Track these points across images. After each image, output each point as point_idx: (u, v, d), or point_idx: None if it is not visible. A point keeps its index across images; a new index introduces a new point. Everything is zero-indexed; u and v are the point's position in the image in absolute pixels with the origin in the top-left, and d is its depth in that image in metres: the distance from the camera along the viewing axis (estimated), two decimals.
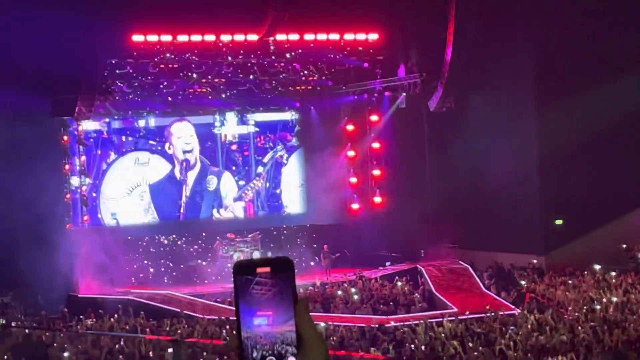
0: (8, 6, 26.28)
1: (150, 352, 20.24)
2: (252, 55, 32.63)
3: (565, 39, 29.58)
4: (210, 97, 34.64)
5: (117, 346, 21.40)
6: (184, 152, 35.50)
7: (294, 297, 2.75)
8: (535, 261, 31.88)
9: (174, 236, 35.24)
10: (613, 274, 29.10)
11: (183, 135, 35.49)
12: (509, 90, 32.05)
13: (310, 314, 2.80)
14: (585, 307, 24.66)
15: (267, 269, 2.78)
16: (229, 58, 32.55)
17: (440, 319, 24.52)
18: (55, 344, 21.72)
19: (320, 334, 2.80)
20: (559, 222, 32.37)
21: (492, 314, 24.57)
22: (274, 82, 34.53)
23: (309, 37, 31.97)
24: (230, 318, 25.76)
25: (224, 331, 23.43)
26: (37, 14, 26.00)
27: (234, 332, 2.83)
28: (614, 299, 25.22)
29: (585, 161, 31.23)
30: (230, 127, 36.34)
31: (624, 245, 32.06)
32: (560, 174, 31.37)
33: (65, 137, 33.12)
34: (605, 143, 31.27)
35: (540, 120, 32.00)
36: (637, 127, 31.49)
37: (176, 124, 35.44)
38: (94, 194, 34.40)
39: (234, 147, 36.48)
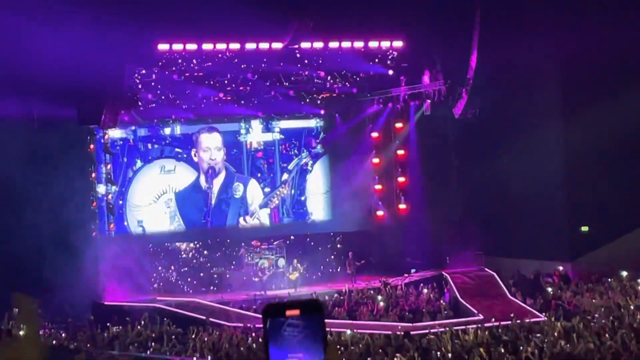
0: (35, 16, 26.46)
1: None
2: (277, 63, 32.67)
3: (592, 46, 29.41)
4: (235, 105, 34.71)
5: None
6: (210, 160, 35.61)
7: (324, 340, 2.72)
8: (561, 268, 31.76)
9: (200, 243, 35.34)
10: (638, 282, 28.92)
11: (211, 146, 35.60)
12: (534, 97, 31.97)
13: (335, 320, 2.80)
14: (612, 315, 24.51)
15: (297, 312, 2.76)
16: (253, 66, 32.65)
17: (466, 327, 24.47)
18: (81, 352, 21.83)
19: None
20: (585, 228, 32.24)
21: (518, 321, 24.50)
22: (298, 89, 34.60)
23: (333, 44, 31.98)
24: (257, 326, 25.82)
25: (250, 338, 23.46)
26: (64, 24, 26.15)
27: None
28: None
29: (611, 168, 31.09)
30: (255, 134, 36.43)
31: None
32: (586, 181, 31.27)
33: (92, 146, 33.35)
34: (631, 150, 31.12)
35: (566, 127, 31.92)
36: None
37: (204, 134, 35.54)
38: (120, 202, 34.56)
39: (259, 154, 36.57)
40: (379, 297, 30.14)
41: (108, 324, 27.24)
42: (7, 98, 28.38)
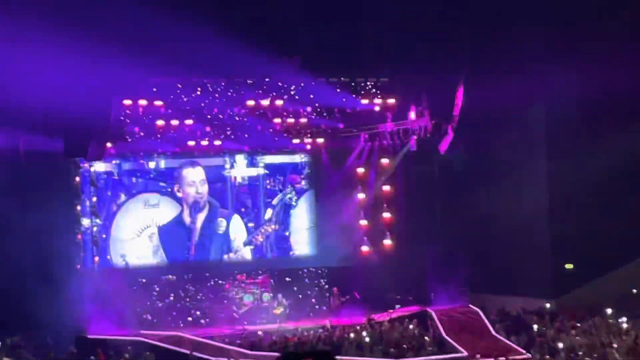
0: (22, 48, 26.46)
1: None
2: (264, 98, 32.78)
3: (576, 86, 29.71)
4: (221, 139, 34.66)
5: None
6: (197, 194, 35.57)
7: None
8: (548, 305, 31.79)
9: (184, 277, 35.16)
10: (624, 319, 28.97)
11: (196, 180, 35.59)
12: (520, 135, 32.23)
13: None
14: (596, 353, 24.54)
15: None
16: (240, 100, 32.73)
17: None
18: None
19: None
20: (569, 266, 32.35)
21: (502, 358, 24.49)
22: (284, 124, 34.64)
23: (319, 80, 32.10)
24: None
25: None
26: (51, 55, 26.15)
27: None
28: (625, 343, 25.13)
29: (596, 206, 31.27)
30: (239, 169, 36.43)
31: (634, 290, 31.98)
32: (570, 219, 31.45)
33: (77, 178, 33.29)
34: (615, 188, 31.31)
35: (550, 165, 32.14)
36: None
37: (187, 168, 35.53)
38: (104, 236, 34.44)
39: (243, 189, 36.54)
40: (365, 334, 30.00)
41: (92, 358, 26.99)
42: None
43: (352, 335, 29.96)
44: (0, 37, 25.62)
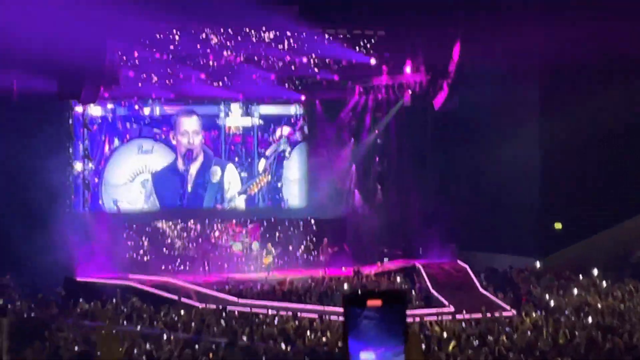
0: None
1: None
2: (260, 47, 32.64)
3: (570, 42, 29.59)
4: (216, 87, 34.61)
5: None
6: (188, 144, 35.55)
7: (405, 331, 2.68)
8: (538, 264, 31.95)
9: (175, 224, 35.31)
10: (608, 281, 29.09)
11: (189, 130, 35.57)
12: (513, 93, 32.17)
13: (307, 305, 2.79)
14: (581, 312, 24.69)
15: (379, 302, 2.71)
16: (236, 48, 32.58)
17: (437, 318, 24.60)
18: (52, 326, 21.79)
19: None
20: (558, 225, 32.46)
21: (489, 314, 24.65)
22: (280, 74, 34.56)
23: (316, 31, 31.95)
24: (228, 308, 25.84)
25: (222, 320, 23.47)
26: None
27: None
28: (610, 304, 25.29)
29: (586, 166, 31.37)
30: (234, 118, 36.41)
31: (623, 250, 32.13)
32: (561, 178, 31.54)
33: (70, 121, 33.27)
34: (607, 148, 31.40)
35: (542, 124, 32.15)
36: (639, 132, 31.61)
37: (183, 117, 35.48)
38: (96, 180, 34.48)
39: (237, 139, 36.52)
40: (345, 286, 30.11)
41: (80, 300, 27.13)
42: None
43: (339, 286, 30.11)
44: None
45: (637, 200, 31.91)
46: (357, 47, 33.20)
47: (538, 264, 31.95)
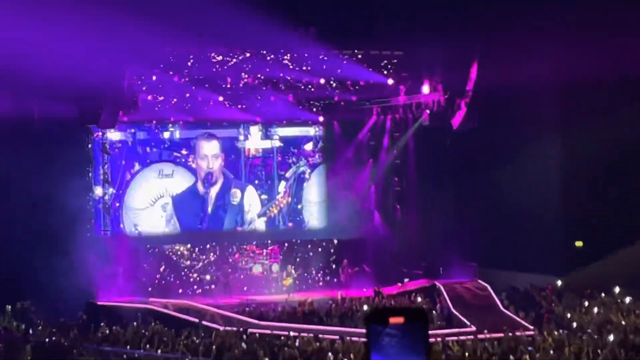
0: (37, 16, 26.50)
1: None
2: (278, 69, 32.72)
3: (590, 59, 29.53)
4: (234, 109, 34.70)
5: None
6: (208, 168, 35.64)
7: (426, 348, 2.71)
8: (559, 283, 31.78)
9: (195, 247, 35.38)
10: (630, 298, 28.91)
11: (208, 154, 35.66)
12: (533, 111, 32.07)
13: (328, 327, 2.82)
14: (603, 331, 24.55)
15: (401, 320, 2.74)
16: (254, 71, 32.67)
17: (458, 338, 24.51)
18: (74, 351, 21.87)
19: None
20: (579, 243, 32.32)
21: (510, 334, 24.54)
22: (298, 95, 34.63)
23: (334, 52, 32.00)
24: (249, 330, 25.83)
25: (243, 343, 23.47)
26: (66, 23, 26.20)
27: None
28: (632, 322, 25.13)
29: (606, 184, 31.22)
30: (254, 141, 36.50)
31: None
32: (582, 196, 31.40)
33: (90, 146, 33.45)
34: (628, 165, 31.24)
35: (564, 141, 32.06)
36: None
37: (202, 141, 35.59)
38: (117, 204, 34.62)
39: (257, 161, 36.60)
40: (365, 307, 30.02)
41: (101, 324, 27.20)
42: (8, 97, 28.44)
43: (360, 307, 30.06)
44: (17, 7, 25.68)
45: None
46: (374, 68, 33.23)
47: (559, 282, 31.80)
